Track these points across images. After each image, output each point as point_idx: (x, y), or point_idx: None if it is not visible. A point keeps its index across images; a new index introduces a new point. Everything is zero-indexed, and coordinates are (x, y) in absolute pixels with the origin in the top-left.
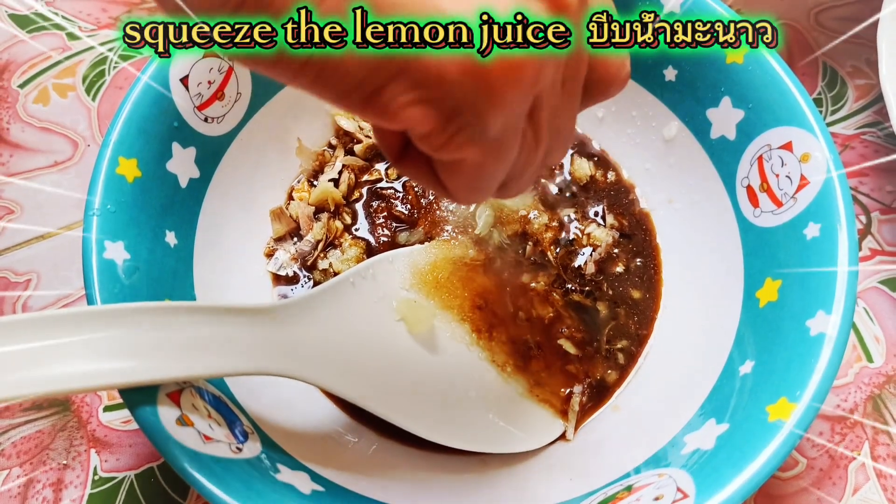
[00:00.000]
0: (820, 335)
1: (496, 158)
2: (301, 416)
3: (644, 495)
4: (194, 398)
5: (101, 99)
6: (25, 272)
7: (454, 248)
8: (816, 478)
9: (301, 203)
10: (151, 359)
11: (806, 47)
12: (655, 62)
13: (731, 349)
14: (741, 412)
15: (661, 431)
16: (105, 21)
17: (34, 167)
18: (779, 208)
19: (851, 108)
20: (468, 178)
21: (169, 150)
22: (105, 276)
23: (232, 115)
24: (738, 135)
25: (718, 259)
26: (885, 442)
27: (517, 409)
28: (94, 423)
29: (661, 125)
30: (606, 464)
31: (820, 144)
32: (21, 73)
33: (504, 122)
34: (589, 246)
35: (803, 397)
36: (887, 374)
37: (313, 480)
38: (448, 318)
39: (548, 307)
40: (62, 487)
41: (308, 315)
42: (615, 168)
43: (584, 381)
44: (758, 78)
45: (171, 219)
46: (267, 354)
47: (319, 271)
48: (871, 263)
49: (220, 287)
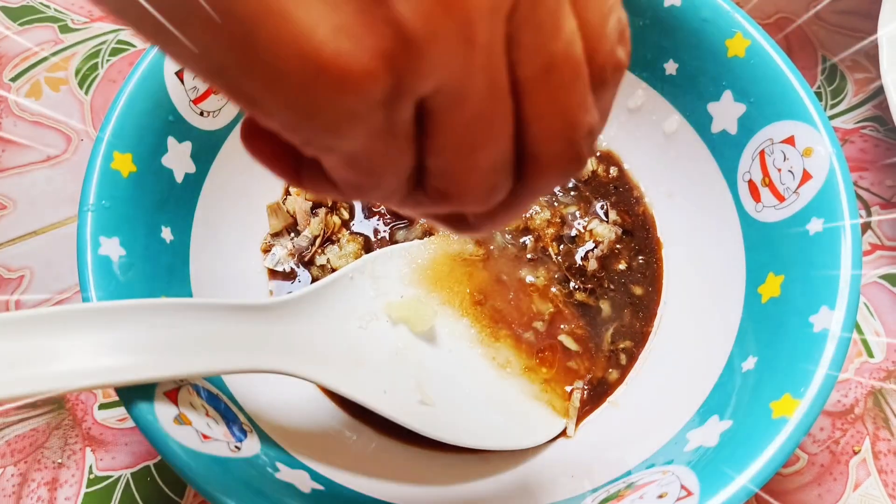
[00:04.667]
0: (823, 331)
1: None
2: (300, 414)
3: (647, 493)
4: (192, 396)
5: (95, 93)
6: (19, 269)
7: (453, 243)
8: (817, 473)
9: (298, 198)
10: (148, 356)
11: (805, 41)
12: (656, 56)
13: (733, 345)
14: (744, 409)
15: (663, 428)
16: (98, 14)
17: (27, 162)
18: (781, 203)
19: (851, 103)
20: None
21: (164, 145)
22: (100, 272)
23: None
24: (739, 129)
25: (720, 254)
26: (885, 437)
27: (517, 405)
28: (90, 421)
29: (661, 119)
30: (608, 461)
31: (822, 139)
32: (12, 66)
33: (361, 132)
34: (591, 242)
35: (807, 394)
36: (888, 370)
37: (313, 479)
38: (448, 314)
39: (548, 303)
40: (57, 486)
41: (306, 311)
42: (617, 163)
43: (585, 377)
44: (759, 72)
45: (166, 214)
46: (265, 351)
47: (317, 267)
48: (872, 258)
49: (216, 283)
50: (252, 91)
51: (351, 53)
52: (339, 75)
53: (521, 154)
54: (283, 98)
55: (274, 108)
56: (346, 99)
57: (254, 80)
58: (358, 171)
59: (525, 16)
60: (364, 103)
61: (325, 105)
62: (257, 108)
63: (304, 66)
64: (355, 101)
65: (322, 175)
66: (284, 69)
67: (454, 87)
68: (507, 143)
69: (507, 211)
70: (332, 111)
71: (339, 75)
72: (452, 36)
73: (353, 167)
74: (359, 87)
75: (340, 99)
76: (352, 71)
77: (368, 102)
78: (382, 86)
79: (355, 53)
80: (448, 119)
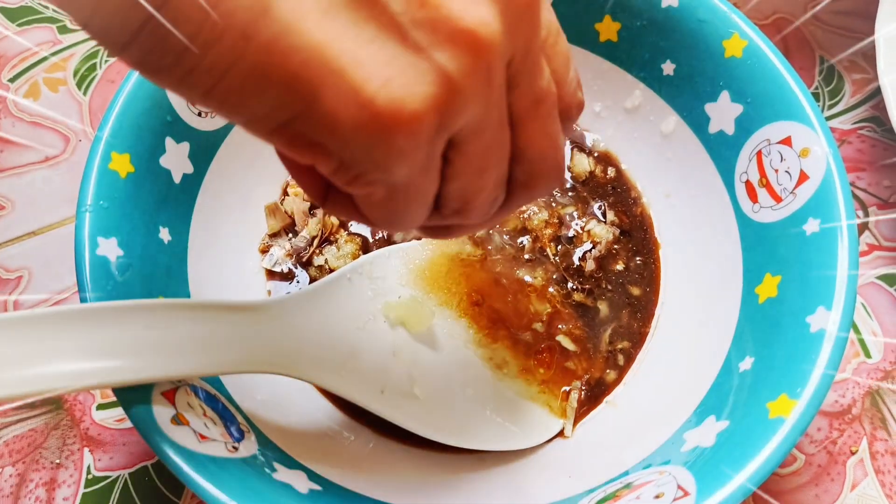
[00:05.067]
0: (820, 331)
1: (405, 195)
2: (297, 415)
3: (644, 493)
4: (189, 397)
5: (93, 93)
6: (16, 269)
7: (451, 244)
8: (815, 474)
9: (296, 198)
10: (145, 357)
11: (802, 41)
12: (653, 56)
13: (730, 345)
14: (741, 409)
15: (660, 428)
16: None
17: (25, 162)
18: (778, 203)
19: (848, 103)
20: (383, 211)
21: (162, 145)
22: (98, 272)
23: None
24: (736, 129)
25: (717, 255)
26: (883, 437)
27: (514, 406)
28: (88, 421)
29: (658, 120)
30: (605, 461)
31: (819, 139)
32: (11, 67)
33: (405, 168)
34: (589, 242)
35: (804, 394)
36: (885, 370)
37: (310, 479)
38: (445, 315)
39: (546, 303)
40: (55, 486)
41: (304, 312)
42: (615, 164)
43: (582, 377)
44: (757, 72)
45: (164, 215)
46: (263, 352)
47: (315, 268)
48: (869, 259)
49: (214, 284)
50: (315, 139)
51: (403, 101)
52: (393, 121)
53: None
54: (343, 143)
55: (334, 151)
56: (398, 140)
57: (317, 131)
58: (395, 201)
59: (519, 63)
60: (413, 142)
61: (378, 147)
62: (318, 154)
63: (361, 115)
64: (406, 142)
65: (347, 202)
66: (345, 119)
67: (476, 122)
68: (506, 165)
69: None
70: (384, 152)
71: (393, 121)
72: (481, 80)
73: (392, 198)
74: (411, 129)
75: (394, 140)
76: (404, 116)
77: (417, 141)
78: (429, 126)
79: (407, 101)
80: (469, 148)
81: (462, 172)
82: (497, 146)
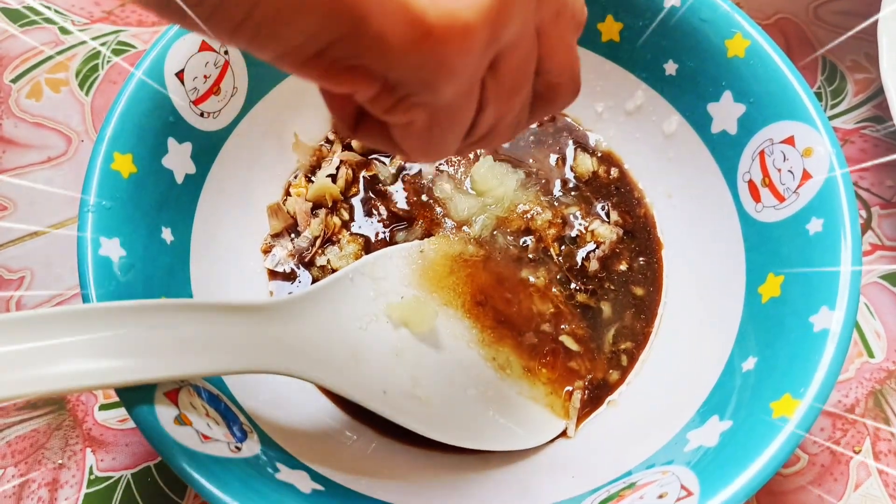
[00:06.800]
0: (823, 331)
1: (449, 119)
2: (300, 415)
3: (647, 493)
4: (192, 397)
5: (95, 94)
6: (19, 270)
7: (454, 243)
8: (818, 474)
9: (298, 199)
10: (148, 357)
11: (805, 41)
12: (655, 56)
13: (733, 345)
14: (745, 409)
15: (663, 428)
16: (98, 15)
17: (27, 163)
18: (781, 203)
19: (851, 103)
20: (421, 140)
21: (164, 146)
22: (100, 273)
23: (228, 110)
24: (739, 129)
25: (720, 254)
26: (886, 437)
27: (518, 406)
28: (90, 421)
29: (661, 120)
30: (608, 461)
31: (822, 139)
32: (13, 67)
33: (454, 87)
34: (592, 242)
35: (807, 394)
36: (888, 370)
37: (313, 479)
38: (448, 315)
39: (549, 304)
40: (58, 487)
41: (306, 312)
42: (618, 164)
43: (585, 378)
44: (759, 72)
45: (167, 215)
46: (265, 352)
47: (317, 268)
48: (872, 258)
49: (216, 284)
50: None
51: (455, 14)
52: (446, 35)
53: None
54: (391, 64)
55: (378, 75)
56: (450, 55)
57: (363, 53)
58: (437, 127)
59: None
60: (465, 58)
61: (429, 65)
62: (358, 80)
63: (413, 31)
64: (458, 57)
65: (380, 131)
66: (395, 37)
67: (518, 34)
68: (531, 83)
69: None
70: (434, 70)
71: (447, 35)
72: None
73: (435, 124)
74: (464, 43)
75: (446, 56)
76: (457, 29)
77: (470, 56)
78: (481, 39)
79: (460, 13)
80: (505, 67)
81: (496, 97)
82: (529, 61)
